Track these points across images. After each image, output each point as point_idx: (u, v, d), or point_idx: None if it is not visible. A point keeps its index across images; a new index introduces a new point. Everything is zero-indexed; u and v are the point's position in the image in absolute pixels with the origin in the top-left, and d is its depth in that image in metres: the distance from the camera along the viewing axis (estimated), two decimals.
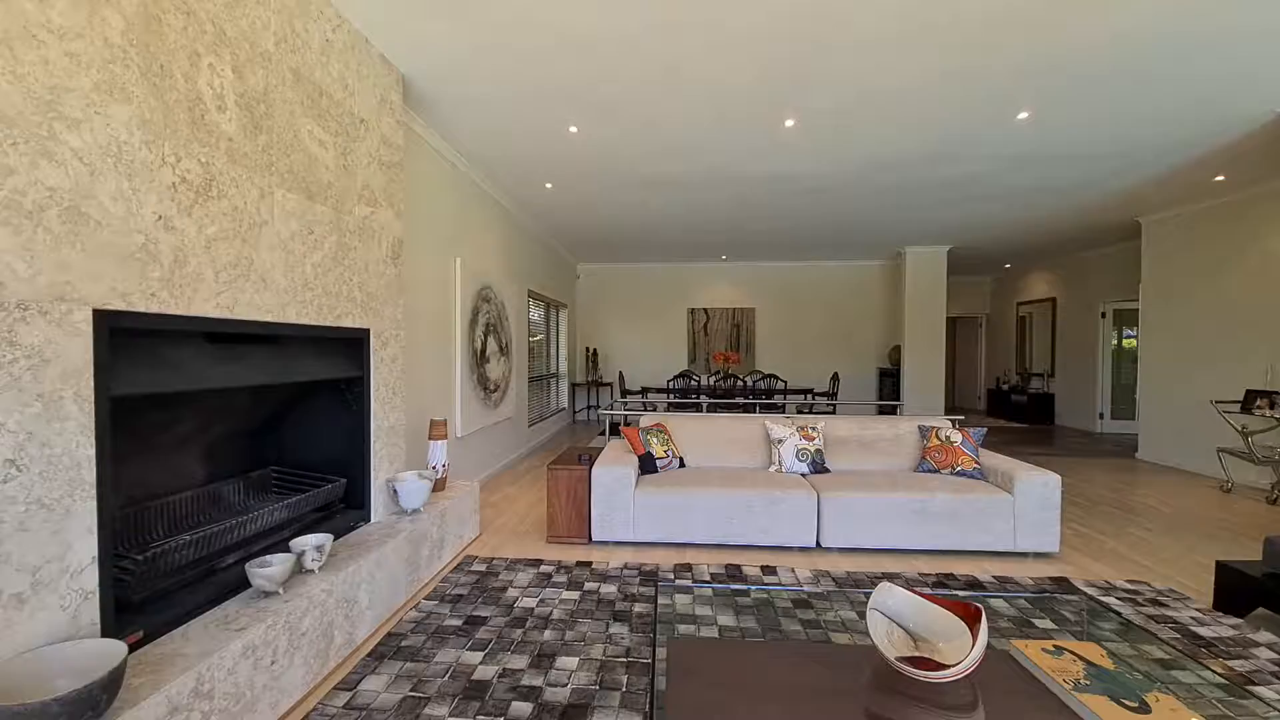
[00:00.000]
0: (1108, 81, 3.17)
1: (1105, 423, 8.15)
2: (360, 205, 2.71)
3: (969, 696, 1.43)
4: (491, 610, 2.56)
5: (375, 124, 2.85)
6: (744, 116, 3.66)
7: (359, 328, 2.69)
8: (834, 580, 2.96)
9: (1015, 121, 3.72)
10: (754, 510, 3.37)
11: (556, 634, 2.34)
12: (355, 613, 2.27)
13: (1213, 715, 1.54)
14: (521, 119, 3.70)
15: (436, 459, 3.35)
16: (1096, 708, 1.34)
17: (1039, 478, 3.29)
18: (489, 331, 5.06)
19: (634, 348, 9.85)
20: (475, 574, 2.97)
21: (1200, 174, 4.79)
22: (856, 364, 9.67)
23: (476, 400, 4.76)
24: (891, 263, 9.44)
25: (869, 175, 4.86)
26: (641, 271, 9.79)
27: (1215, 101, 3.42)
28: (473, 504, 3.56)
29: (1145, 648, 1.96)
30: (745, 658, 1.70)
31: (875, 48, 2.83)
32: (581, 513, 3.46)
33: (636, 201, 5.69)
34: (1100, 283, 8.12)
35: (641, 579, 2.90)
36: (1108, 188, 5.20)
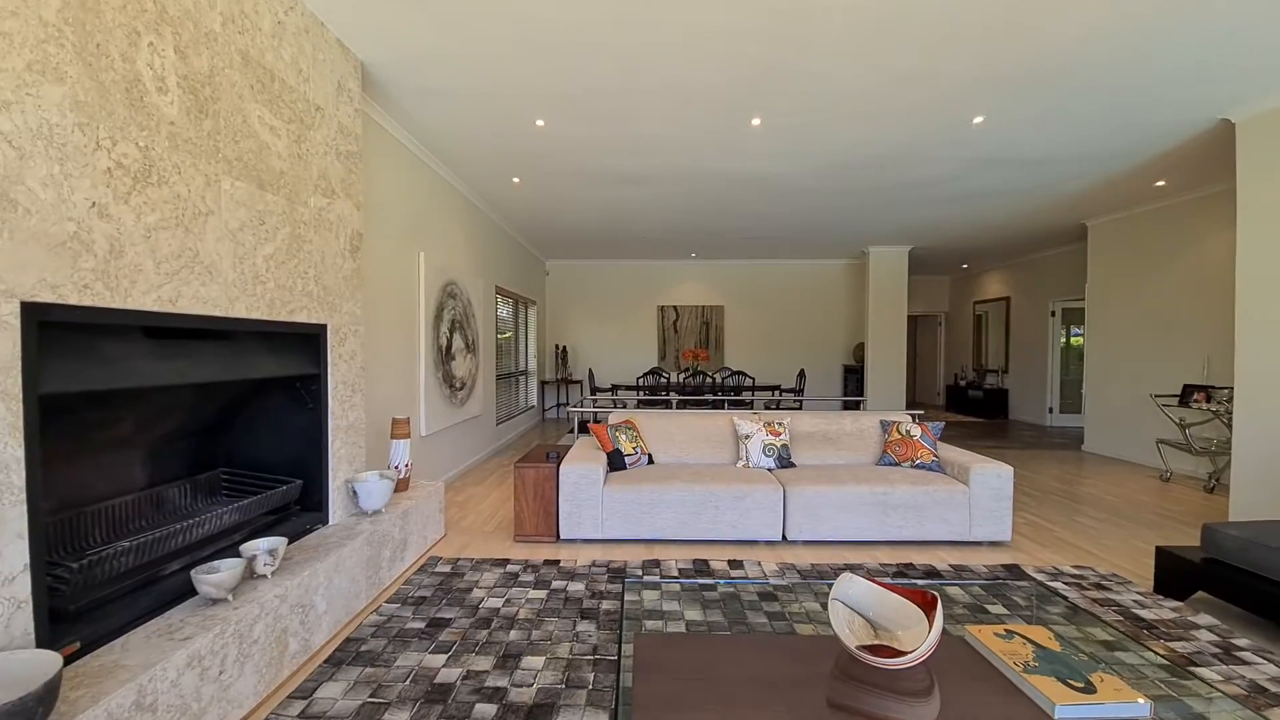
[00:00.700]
0: (1056, 90, 3.30)
1: (1054, 416, 8.53)
2: (316, 196, 2.61)
3: (925, 681, 1.47)
4: (456, 611, 2.51)
5: (332, 112, 2.75)
6: (712, 115, 3.68)
7: (315, 323, 2.59)
8: (799, 572, 3.01)
9: (971, 126, 3.85)
10: (721, 505, 3.40)
11: (523, 634, 2.31)
12: (311, 618, 2.19)
13: (1155, 694, 1.62)
14: (487, 111, 3.63)
15: (399, 458, 3.26)
16: (1044, 688, 1.40)
17: (993, 470, 3.41)
18: (455, 328, 4.96)
19: (604, 345, 9.82)
20: (440, 575, 2.91)
21: (1142, 179, 5.05)
22: (822, 361, 9.87)
23: (442, 398, 4.66)
24: (856, 262, 9.66)
25: (834, 175, 4.95)
26: (611, 268, 9.76)
27: (1156, 110, 3.61)
28: (437, 504, 3.49)
29: (1090, 630, 2.05)
30: (711, 651, 1.71)
31: (837, 48, 2.88)
32: (549, 511, 3.42)
33: (605, 198, 5.66)
34: (1050, 283, 8.48)
35: (610, 576, 2.89)
36: (1057, 192, 5.43)
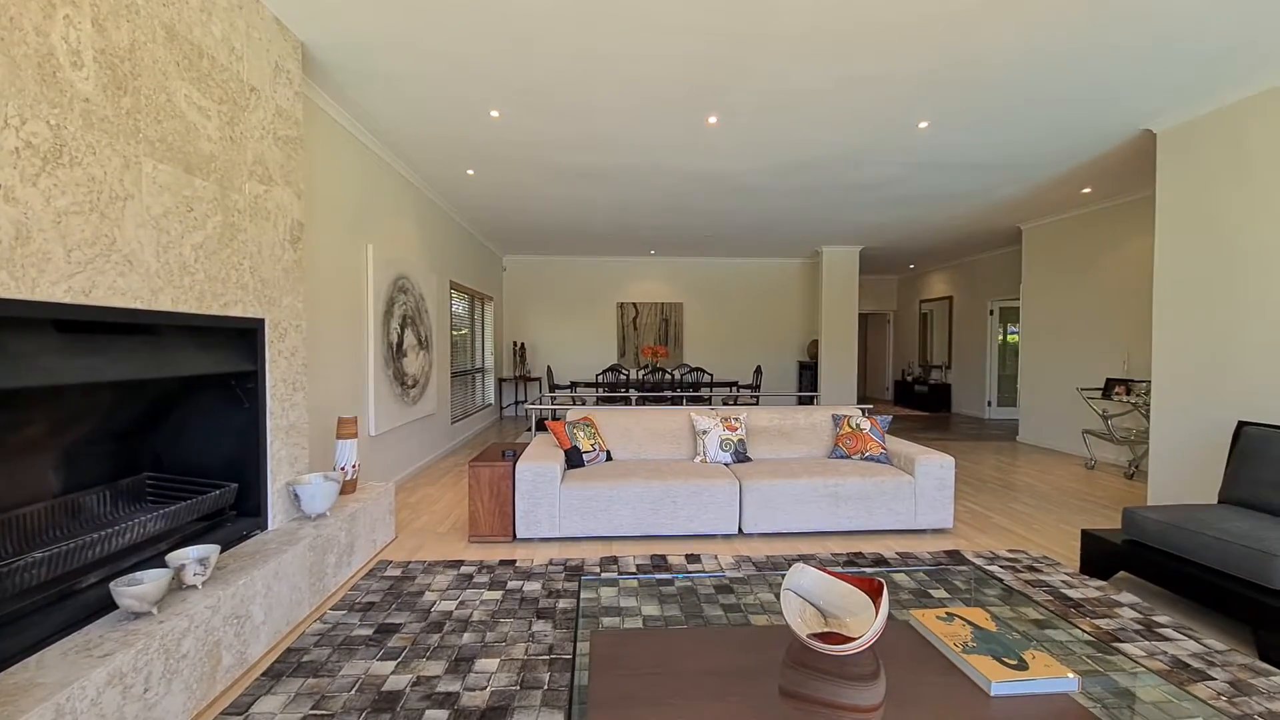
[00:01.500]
0: (995, 98, 3.46)
1: (992, 409, 8.99)
2: (252, 182, 2.47)
3: (872, 666, 1.52)
4: (406, 616, 2.43)
5: (269, 94, 2.60)
6: (669, 112, 3.68)
7: (252, 317, 2.45)
8: (754, 565, 3.06)
9: (917, 130, 3.99)
10: (679, 500, 3.42)
11: (476, 636, 2.25)
12: (248, 629, 2.07)
13: (1083, 670, 1.73)
14: (438, 100, 3.51)
15: (345, 459, 3.13)
16: (982, 667, 1.47)
17: (936, 460, 3.56)
18: (406, 324, 4.80)
19: (563, 342, 9.73)
20: (389, 579, 2.81)
21: (1071, 186, 5.37)
22: (778, 357, 10.09)
23: (393, 396, 4.50)
24: (810, 261, 9.90)
25: (788, 174, 5.05)
26: (570, 264, 9.67)
27: (1085, 119, 3.84)
28: (387, 505, 3.37)
29: (1024, 610, 2.17)
30: (668, 645, 1.71)
31: (791, 50, 2.93)
32: (505, 510, 3.36)
33: (564, 193, 5.60)
34: (989, 283, 8.93)
35: (567, 574, 2.86)
36: (994, 196, 5.71)
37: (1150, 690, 1.70)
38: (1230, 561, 2.32)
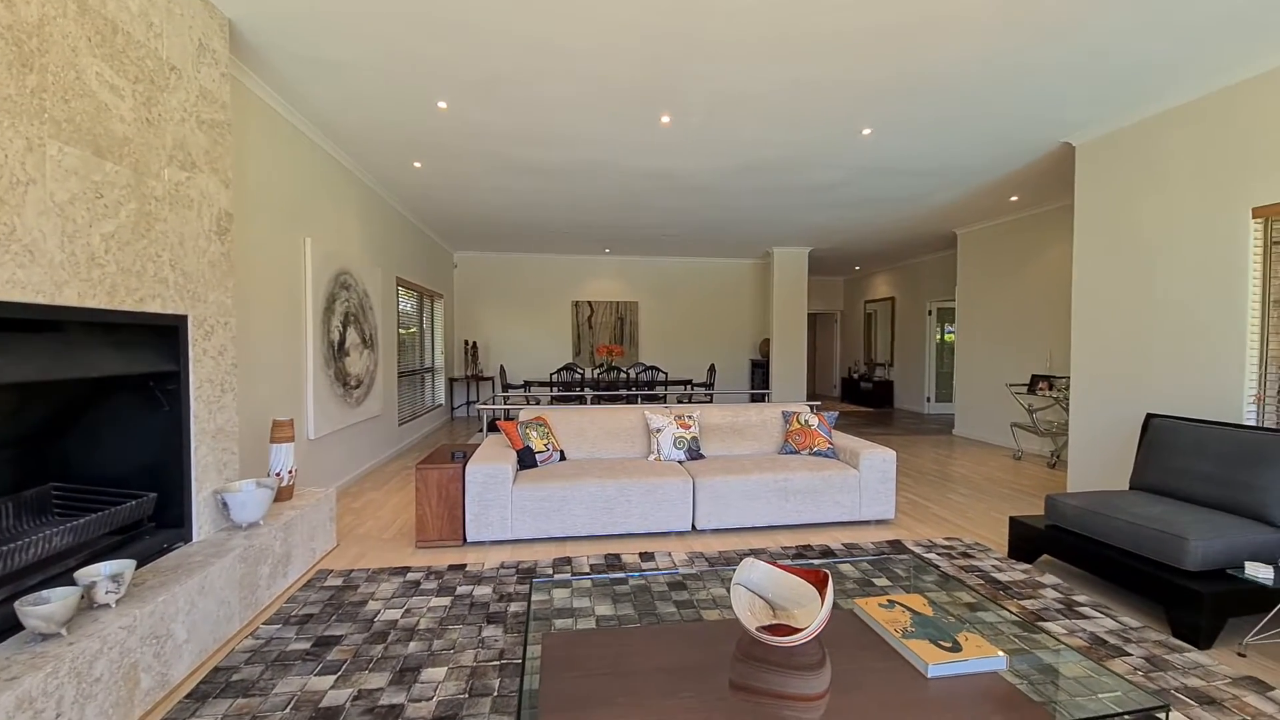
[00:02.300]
0: (930, 108, 3.63)
1: (931, 405, 9.46)
2: (172, 168, 2.29)
3: (818, 655, 1.56)
4: (347, 627, 2.32)
5: (192, 74, 2.43)
6: (623, 110, 3.67)
7: (173, 314, 2.28)
8: (707, 560, 3.10)
9: (861, 137, 4.14)
10: (633, 499, 3.42)
11: (423, 645, 2.18)
12: (169, 649, 1.93)
13: (1011, 649, 1.83)
14: (381, 88, 3.37)
15: (280, 464, 2.97)
16: (919, 650, 1.53)
17: (879, 454, 3.71)
18: (349, 321, 4.59)
19: (516, 340, 9.56)
20: (330, 589, 2.68)
21: (1000, 194, 5.70)
22: (732, 355, 10.26)
23: (334, 397, 4.30)
24: (761, 261, 10.12)
25: (738, 175, 5.13)
26: (523, 262, 9.51)
27: (1012, 132, 4.08)
28: (328, 512, 3.21)
29: (958, 594, 2.28)
30: (621, 645, 1.70)
31: (739, 52, 2.97)
32: (455, 514, 3.27)
33: (515, 188, 5.49)
34: (928, 285, 9.38)
35: (519, 577, 2.81)
36: (932, 202, 6.00)
37: (1071, 666, 1.82)
38: (1143, 544, 2.51)
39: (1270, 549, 2.36)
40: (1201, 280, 3.33)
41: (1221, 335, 3.22)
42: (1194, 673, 2.04)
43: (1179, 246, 3.47)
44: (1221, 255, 3.23)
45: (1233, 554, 2.34)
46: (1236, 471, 2.59)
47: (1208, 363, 3.29)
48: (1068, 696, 1.61)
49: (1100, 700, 1.56)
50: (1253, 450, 2.57)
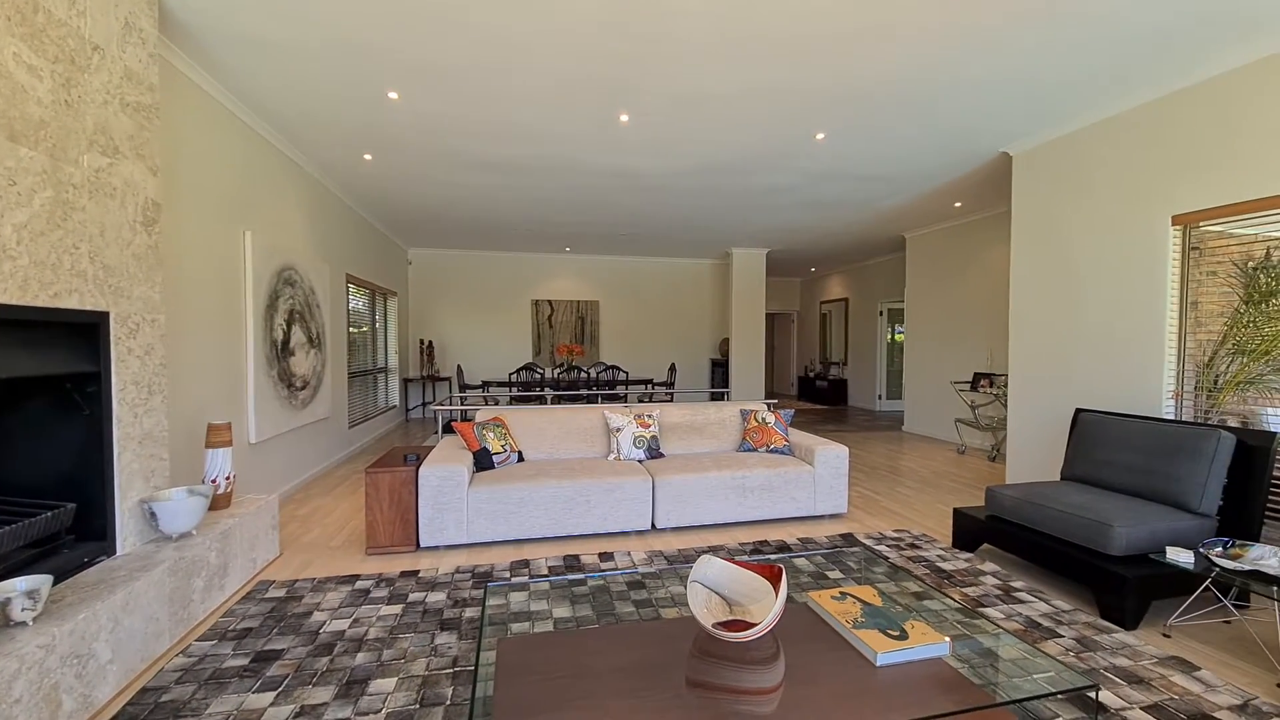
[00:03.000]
0: (880, 116, 3.76)
1: (882, 402, 9.80)
2: (92, 154, 2.13)
3: (772, 648, 1.58)
4: (290, 641, 2.21)
5: (117, 54, 2.26)
6: (582, 108, 3.64)
7: (92, 310, 2.12)
8: (666, 559, 3.11)
9: (815, 141, 4.24)
10: (592, 499, 3.40)
11: (372, 655, 2.10)
12: (92, 669, 1.79)
13: (954, 634, 1.91)
14: (327, 74, 3.23)
15: (217, 470, 2.80)
16: (869, 640, 1.58)
17: (833, 450, 3.81)
18: (294, 319, 4.39)
19: (474, 340, 9.36)
20: (271, 601, 2.55)
21: (945, 200, 5.96)
22: (692, 355, 10.35)
23: (278, 399, 4.10)
24: (721, 262, 10.25)
25: (696, 176, 5.18)
26: (482, 259, 9.32)
27: (955, 140, 4.26)
28: (270, 520, 3.06)
29: (906, 584, 2.36)
30: (578, 647, 1.68)
31: (698, 52, 2.99)
32: (408, 518, 3.16)
33: (472, 184, 5.37)
34: (879, 286, 9.71)
35: (475, 582, 2.75)
36: (882, 206, 6.22)
37: (1009, 649, 1.91)
38: (1073, 531, 2.67)
39: (1190, 534, 2.55)
40: (1126, 283, 3.57)
41: (1143, 335, 3.45)
42: (1122, 653, 2.18)
43: (1105, 252, 3.70)
44: (1144, 260, 3.46)
45: (1155, 540, 2.51)
46: (1157, 462, 2.78)
47: (1131, 360, 3.52)
48: (1005, 678, 1.69)
49: (1035, 681, 1.64)
50: (1172, 442, 2.77)
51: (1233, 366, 3.01)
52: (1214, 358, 3.09)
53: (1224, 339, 3.05)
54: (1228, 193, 3.04)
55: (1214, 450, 2.61)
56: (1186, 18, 2.65)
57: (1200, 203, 3.16)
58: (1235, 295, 3.05)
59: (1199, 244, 3.26)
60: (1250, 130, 2.95)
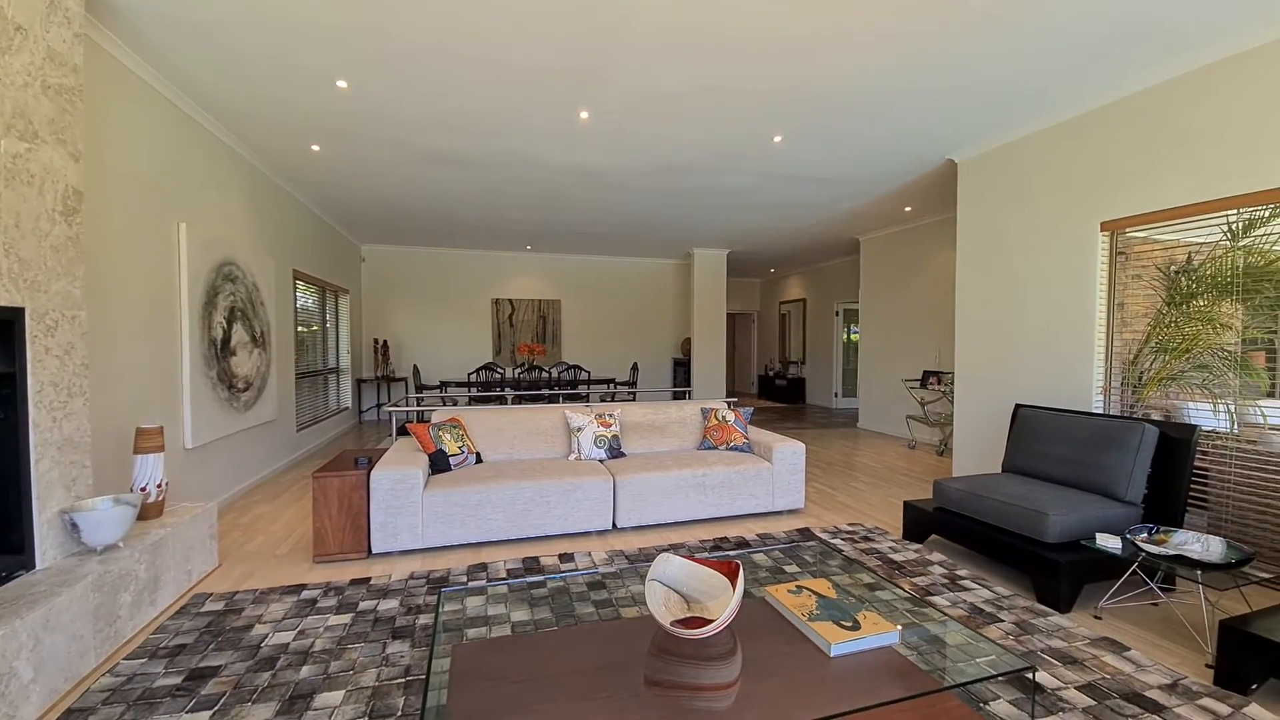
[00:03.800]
0: (834, 120, 3.86)
1: (839, 400, 10.08)
2: (9, 139, 1.97)
3: (730, 644, 1.59)
4: (228, 656, 2.10)
5: (39, 34, 2.10)
6: (542, 103, 3.59)
7: (5, 306, 1.95)
8: (627, 558, 3.10)
9: (773, 144, 4.32)
10: (552, 500, 3.36)
11: (318, 668, 2.01)
12: (14, 689, 1.66)
13: (904, 623, 1.97)
14: (271, 62, 3.08)
15: (147, 477, 2.63)
16: (823, 631, 1.61)
17: (790, 447, 3.89)
18: (235, 317, 4.16)
19: (432, 339, 9.12)
20: (208, 615, 2.41)
21: (896, 204, 6.17)
22: (654, 354, 10.38)
23: (217, 401, 3.88)
24: (683, 262, 10.32)
25: (657, 176, 5.19)
26: (439, 256, 9.09)
27: (905, 147, 4.42)
28: (207, 529, 2.89)
29: (859, 576, 2.43)
30: (535, 650, 1.66)
31: (658, 50, 3.00)
32: (358, 524, 3.05)
33: (429, 178, 5.23)
34: (835, 287, 9.99)
35: (429, 587, 2.67)
36: (838, 210, 6.39)
37: (954, 635, 1.99)
38: (1012, 520, 2.80)
39: (1118, 521, 2.71)
40: (1059, 286, 3.77)
41: (1075, 334, 3.66)
42: (1057, 635, 2.30)
43: (1041, 256, 3.91)
44: (1075, 264, 3.67)
45: (1086, 527, 2.67)
46: (1088, 454, 2.96)
47: (1065, 358, 3.73)
48: (951, 663, 1.76)
49: (978, 664, 1.71)
50: (1101, 435, 2.94)
51: (1156, 364, 3.22)
52: (1139, 355, 3.31)
53: (1148, 338, 3.26)
54: (1151, 201, 3.25)
55: (1139, 442, 2.79)
56: (1116, 36, 2.83)
57: (1126, 210, 3.38)
58: (1158, 297, 3.27)
59: (1125, 249, 3.48)
60: (1171, 142, 3.16)
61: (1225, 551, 2.26)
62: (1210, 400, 3.08)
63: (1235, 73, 2.88)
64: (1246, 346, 2.98)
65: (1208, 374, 3.05)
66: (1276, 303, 2.81)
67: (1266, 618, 1.99)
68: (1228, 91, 2.91)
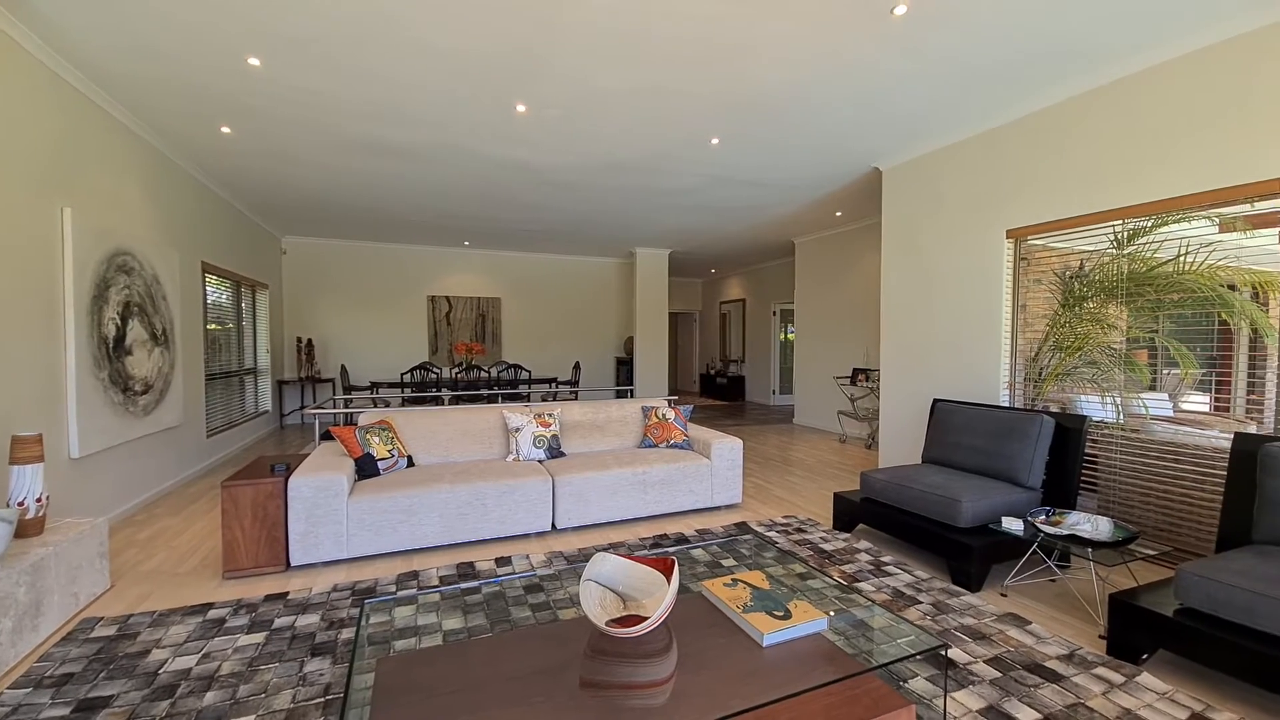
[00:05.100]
0: (768, 125, 3.97)
1: (776, 397, 10.42)
2: None
3: (665, 640, 1.60)
4: (122, 684, 1.90)
5: None
6: (478, 93, 3.48)
7: None
8: (566, 559, 3.06)
9: (710, 145, 4.39)
10: (489, 503, 3.27)
11: (224, 693, 1.85)
12: None
13: (833, 609, 2.05)
14: (170, 32, 2.81)
15: (25, 491, 2.35)
16: (756, 622, 1.65)
17: (728, 443, 3.97)
18: (131, 313, 3.79)
19: (362, 338, 8.66)
20: (99, 641, 2.18)
21: (827, 209, 6.43)
22: (597, 353, 10.33)
23: (110, 406, 3.52)
24: (625, 261, 10.33)
25: (598, 175, 5.17)
26: (369, 251, 8.65)
27: (834, 154, 4.61)
28: (97, 547, 2.61)
29: (792, 566, 2.51)
30: (466, 659, 1.60)
31: (594, 49, 2.97)
32: (275, 535, 2.85)
33: (356, 168, 4.96)
34: (772, 288, 10.30)
35: (354, 599, 2.53)
36: (773, 213, 6.59)
37: (878, 619, 2.09)
38: (930, 508, 2.98)
39: (1021, 506, 2.94)
40: (970, 289, 4.05)
41: (984, 334, 3.95)
42: (968, 613, 2.46)
43: (954, 260, 4.18)
44: (984, 268, 3.96)
45: (994, 511, 2.88)
46: (995, 444, 3.19)
47: (976, 356, 4.01)
48: (875, 645, 1.85)
49: (899, 645, 1.81)
50: (1006, 426, 3.18)
51: (1054, 360, 3.52)
52: (1039, 353, 3.60)
53: (1047, 337, 3.56)
54: (1049, 211, 3.55)
55: (1038, 432, 3.03)
56: (1016, 59, 3.06)
57: (1027, 219, 3.67)
58: (1055, 300, 3.57)
59: (1028, 255, 3.78)
60: (1066, 157, 3.46)
61: (1113, 531, 2.50)
62: (1099, 393, 3.40)
63: (1119, 95, 3.19)
64: (1130, 345, 3.31)
65: (1097, 370, 3.37)
66: (1156, 305, 3.14)
67: (1151, 592, 2.21)
68: (1112, 112, 3.22)
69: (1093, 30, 2.80)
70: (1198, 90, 2.86)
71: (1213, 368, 3.16)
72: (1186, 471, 2.94)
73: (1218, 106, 2.79)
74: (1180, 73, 2.93)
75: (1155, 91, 3.03)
